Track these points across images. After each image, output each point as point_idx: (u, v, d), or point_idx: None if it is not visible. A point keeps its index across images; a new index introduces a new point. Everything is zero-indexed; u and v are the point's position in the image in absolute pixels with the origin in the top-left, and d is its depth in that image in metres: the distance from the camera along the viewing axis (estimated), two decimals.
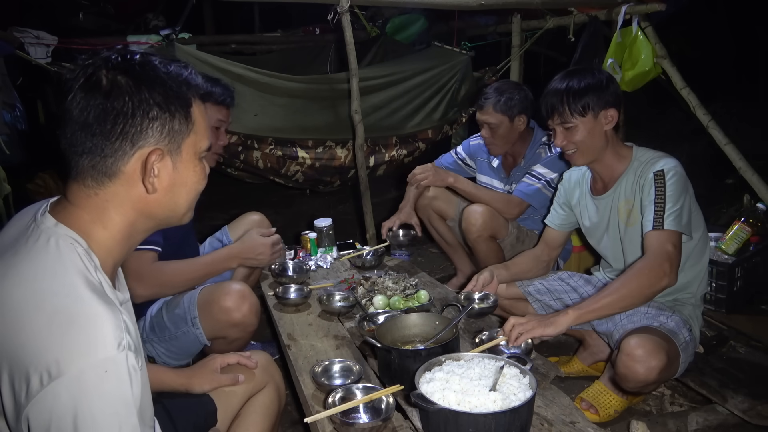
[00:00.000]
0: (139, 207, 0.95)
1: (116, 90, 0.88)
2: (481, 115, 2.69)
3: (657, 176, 1.81)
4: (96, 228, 0.92)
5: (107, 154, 0.90)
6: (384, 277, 2.33)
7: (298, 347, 1.88)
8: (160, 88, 0.91)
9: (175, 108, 0.93)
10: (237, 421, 1.45)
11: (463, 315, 1.79)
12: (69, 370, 0.78)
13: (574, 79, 1.88)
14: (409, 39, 4.89)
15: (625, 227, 1.95)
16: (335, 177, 3.78)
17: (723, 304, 2.52)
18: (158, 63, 0.93)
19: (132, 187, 0.93)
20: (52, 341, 0.79)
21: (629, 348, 1.67)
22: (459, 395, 1.29)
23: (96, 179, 0.91)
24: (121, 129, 0.89)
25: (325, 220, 2.78)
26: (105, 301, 0.85)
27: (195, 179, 1.00)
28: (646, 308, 1.91)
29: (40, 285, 0.84)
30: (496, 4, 3.51)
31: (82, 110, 0.88)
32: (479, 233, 2.60)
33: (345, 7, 2.88)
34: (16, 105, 3.42)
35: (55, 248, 0.87)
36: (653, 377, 1.65)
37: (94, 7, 5.31)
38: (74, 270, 0.86)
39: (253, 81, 3.48)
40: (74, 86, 0.88)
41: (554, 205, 2.24)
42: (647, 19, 3.31)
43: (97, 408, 0.80)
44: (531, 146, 2.73)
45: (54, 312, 0.81)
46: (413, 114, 3.93)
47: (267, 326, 2.65)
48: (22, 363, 0.80)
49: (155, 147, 0.92)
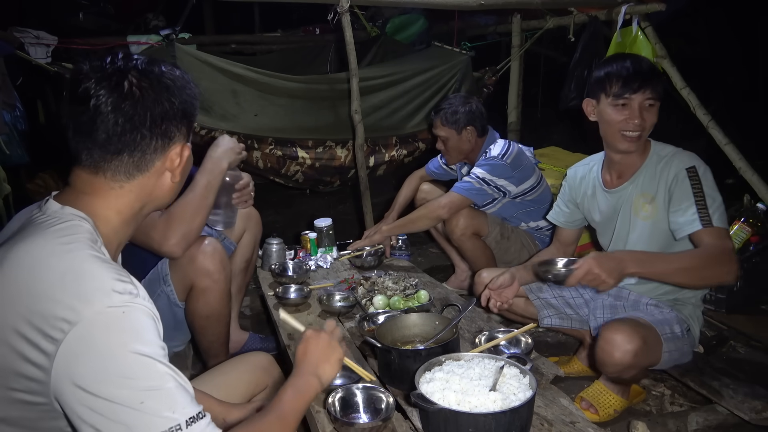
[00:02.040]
0: (155, 193, 1.05)
1: (159, 96, 0.98)
2: (434, 129, 2.88)
3: (690, 173, 1.76)
4: (109, 212, 1.00)
5: (148, 152, 0.99)
6: (384, 277, 2.34)
7: None
8: (188, 92, 1.04)
9: (195, 107, 1.07)
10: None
11: (462, 315, 1.79)
12: (85, 315, 0.82)
13: (640, 58, 1.85)
14: (409, 39, 4.89)
15: (636, 220, 1.92)
16: (335, 177, 3.78)
17: (723, 304, 2.52)
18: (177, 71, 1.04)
19: (158, 178, 1.03)
20: (66, 293, 0.83)
21: (606, 333, 1.71)
22: (459, 395, 1.29)
23: (129, 173, 0.99)
24: (164, 129, 1.00)
25: (325, 220, 2.78)
26: (109, 262, 0.90)
27: (191, 164, 1.11)
28: (645, 306, 1.91)
29: (49, 250, 0.89)
30: (496, 4, 3.51)
31: (129, 116, 0.95)
32: (462, 232, 2.72)
33: (345, 7, 2.89)
34: (16, 105, 3.42)
35: (62, 224, 0.93)
36: (628, 360, 1.67)
37: (94, 7, 5.32)
38: (80, 238, 0.91)
39: (253, 81, 3.48)
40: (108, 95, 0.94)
41: (558, 202, 2.23)
42: (647, 19, 3.31)
43: (119, 340, 0.82)
44: (480, 154, 2.84)
45: (65, 271, 0.86)
46: (413, 114, 3.94)
47: (267, 325, 2.66)
48: (40, 317, 0.82)
49: (184, 142, 1.05)
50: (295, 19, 5.53)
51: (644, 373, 1.92)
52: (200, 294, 1.90)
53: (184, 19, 3.91)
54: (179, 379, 0.86)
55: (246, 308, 2.90)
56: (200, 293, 1.90)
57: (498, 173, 2.69)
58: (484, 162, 2.74)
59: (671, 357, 1.82)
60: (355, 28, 3.28)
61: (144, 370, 0.83)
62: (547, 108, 6.27)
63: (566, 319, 2.12)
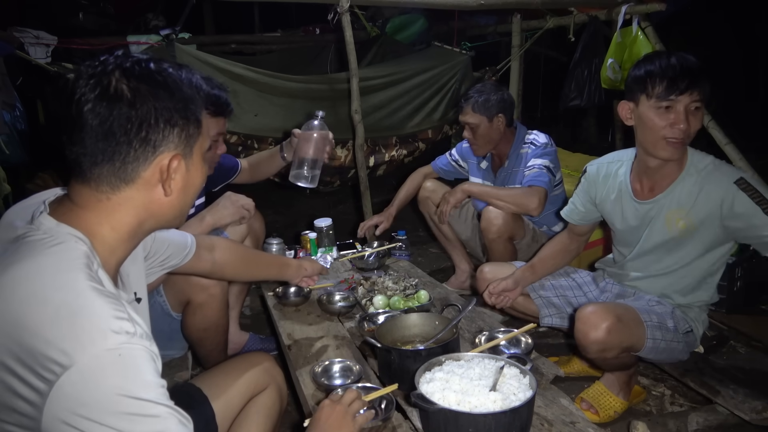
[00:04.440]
0: (151, 209, 0.96)
1: (140, 98, 0.89)
2: (462, 116, 2.75)
3: (741, 185, 1.64)
4: (103, 228, 0.93)
5: (128, 160, 0.90)
6: (384, 277, 2.34)
7: (298, 347, 1.89)
8: (178, 94, 0.93)
9: (190, 113, 0.95)
10: (237, 421, 1.44)
11: (462, 315, 1.78)
12: (80, 359, 0.76)
13: (687, 57, 1.64)
14: (409, 39, 4.89)
15: (668, 234, 1.80)
16: (335, 177, 3.78)
17: (723, 304, 2.51)
18: (171, 69, 0.94)
19: (148, 191, 0.94)
20: (59, 333, 0.78)
21: (580, 314, 1.71)
22: (459, 395, 1.29)
23: (112, 184, 0.91)
24: (144, 136, 0.90)
25: (325, 220, 2.78)
26: (107, 295, 0.84)
27: (201, 180, 1.02)
28: (647, 302, 1.89)
29: (44, 281, 0.83)
30: (496, 4, 3.51)
31: (104, 119, 0.87)
32: (499, 234, 2.59)
33: (345, 7, 2.89)
34: (16, 105, 3.42)
35: (58, 246, 0.87)
36: (602, 336, 1.65)
37: (94, 7, 5.32)
38: (77, 265, 0.86)
39: (253, 81, 3.48)
40: (89, 95, 0.87)
41: (574, 198, 2.09)
42: (647, 19, 3.31)
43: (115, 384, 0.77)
44: (514, 146, 2.76)
45: (59, 306, 0.80)
46: (413, 114, 3.93)
47: (267, 325, 2.65)
48: (30, 355, 0.78)
49: (175, 152, 0.94)
50: (295, 19, 5.53)
51: (629, 357, 1.84)
52: (197, 308, 1.87)
53: (184, 19, 3.90)
54: (180, 416, 0.83)
55: (246, 308, 2.90)
56: (197, 308, 1.87)
57: (555, 163, 2.62)
58: (542, 151, 2.64)
59: (657, 346, 1.76)
60: (355, 28, 3.28)
61: (142, 415, 0.79)
62: (547, 108, 6.28)
63: (567, 319, 2.10)
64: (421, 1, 3.56)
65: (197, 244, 1.53)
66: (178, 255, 1.46)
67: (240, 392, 1.46)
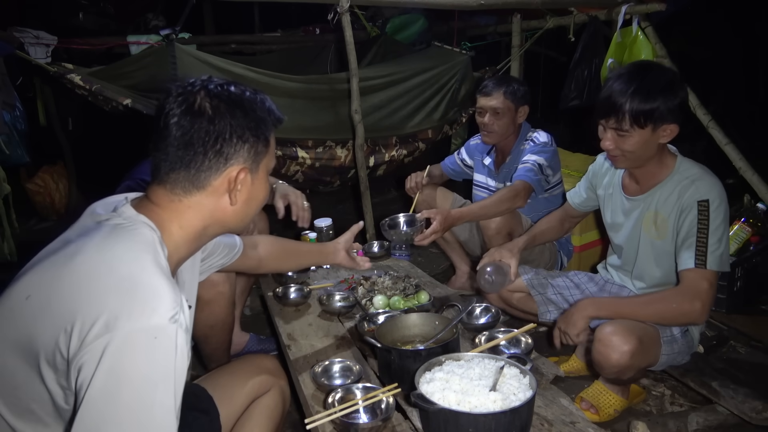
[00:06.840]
0: (216, 215, 1.07)
1: (219, 115, 1.00)
2: (487, 100, 2.70)
3: (701, 206, 1.71)
4: (173, 225, 1.04)
5: (202, 169, 1.02)
6: (384, 277, 2.34)
7: (298, 347, 1.89)
8: (252, 114, 1.04)
9: (260, 132, 1.06)
10: (240, 421, 1.45)
11: (462, 315, 1.79)
12: (122, 327, 0.84)
13: (643, 82, 1.67)
14: (409, 39, 4.89)
15: (645, 237, 1.90)
16: (335, 177, 3.78)
17: (723, 304, 2.52)
18: (248, 93, 1.06)
19: (216, 198, 1.05)
20: (115, 300, 0.86)
21: (603, 335, 1.71)
22: (459, 395, 1.29)
23: (185, 188, 1.03)
24: (219, 148, 1.01)
25: (325, 220, 2.78)
26: (168, 278, 0.93)
27: (264, 195, 1.13)
28: None
29: (114, 253, 0.93)
30: (496, 4, 3.51)
31: (186, 131, 1.00)
32: (498, 230, 2.61)
33: (345, 7, 2.88)
34: (15, 105, 3.43)
35: (133, 228, 0.98)
36: (625, 361, 1.68)
37: (93, 7, 5.31)
38: (147, 246, 0.96)
39: (253, 81, 3.47)
40: (176, 110, 1.00)
41: (581, 183, 2.22)
42: (647, 19, 3.31)
43: (136, 369, 0.84)
44: (517, 143, 2.77)
45: (123, 277, 0.89)
46: (413, 114, 3.93)
47: (267, 325, 2.65)
48: (88, 315, 0.85)
49: (243, 166, 1.05)
50: (295, 19, 5.53)
51: (642, 373, 1.92)
52: (205, 305, 1.88)
53: (184, 19, 3.90)
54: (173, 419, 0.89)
55: (246, 308, 2.90)
56: (205, 304, 1.88)
57: (551, 162, 2.63)
58: (540, 149, 2.64)
59: (669, 359, 1.84)
60: (355, 28, 3.27)
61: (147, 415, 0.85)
62: (547, 108, 6.27)
63: None
64: (421, 1, 3.56)
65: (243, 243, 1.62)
66: (228, 255, 1.54)
67: (244, 394, 1.47)
